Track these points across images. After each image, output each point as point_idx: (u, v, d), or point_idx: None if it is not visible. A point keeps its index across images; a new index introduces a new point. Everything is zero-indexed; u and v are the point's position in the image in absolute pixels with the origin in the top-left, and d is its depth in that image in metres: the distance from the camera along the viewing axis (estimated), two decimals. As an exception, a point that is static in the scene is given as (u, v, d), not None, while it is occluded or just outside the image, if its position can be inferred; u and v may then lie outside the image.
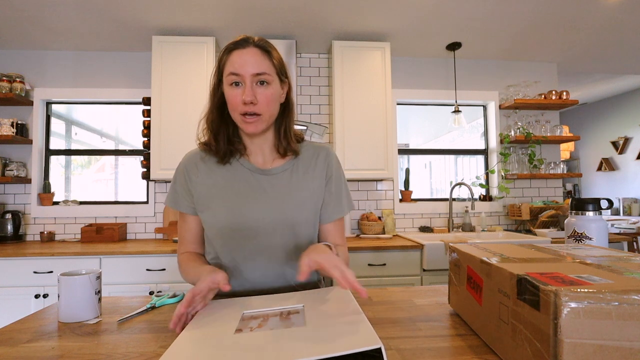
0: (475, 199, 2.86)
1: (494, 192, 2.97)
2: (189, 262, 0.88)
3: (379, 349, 0.47)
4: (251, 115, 0.80)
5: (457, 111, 2.69)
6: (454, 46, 2.69)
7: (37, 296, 2.02)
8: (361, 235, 2.58)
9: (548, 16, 2.30)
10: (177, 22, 2.31)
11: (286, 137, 0.90)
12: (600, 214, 0.95)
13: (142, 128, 2.48)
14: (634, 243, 3.42)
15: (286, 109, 0.90)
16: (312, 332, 0.54)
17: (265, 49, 0.82)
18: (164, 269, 2.09)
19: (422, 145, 3.14)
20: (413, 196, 2.93)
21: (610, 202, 1.00)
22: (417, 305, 0.81)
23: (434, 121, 3.12)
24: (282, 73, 0.85)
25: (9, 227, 2.46)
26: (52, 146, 2.72)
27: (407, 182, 2.85)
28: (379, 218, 2.72)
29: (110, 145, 2.86)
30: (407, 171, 2.86)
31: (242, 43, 0.81)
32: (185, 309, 0.65)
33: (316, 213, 0.93)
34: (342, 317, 0.59)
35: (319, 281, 0.98)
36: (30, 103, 2.60)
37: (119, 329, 0.69)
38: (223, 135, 0.88)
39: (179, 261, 0.93)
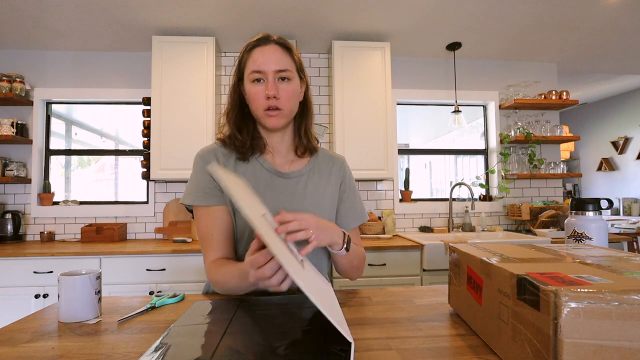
0: (475, 199, 2.86)
1: (494, 192, 2.97)
2: (228, 266, 0.79)
3: (349, 345, 0.51)
4: (273, 110, 0.82)
5: (457, 111, 2.69)
6: (454, 46, 2.69)
7: (37, 296, 2.02)
8: (361, 235, 2.58)
9: (548, 16, 2.30)
10: (177, 22, 2.31)
11: (306, 135, 0.92)
12: (600, 214, 0.95)
13: (142, 128, 2.48)
14: (634, 243, 3.42)
15: (305, 107, 0.91)
16: (317, 288, 0.59)
17: (286, 46, 0.83)
18: (164, 269, 2.09)
19: (422, 145, 3.14)
20: (413, 196, 2.93)
21: (610, 202, 1.00)
22: (417, 305, 0.81)
23: (434, 121, 3.12)
24: (301, 70, 0.86)
25: (9, 227, 2.46)
26: (52, 146, 2.72)
27: (407, 182, 2.85)
28: (379, 218, 2.72)
29: (110, 145, 2.86)
30: (407, 171, 2.86)
31: (263, 41, 0.82)
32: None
33: (331, 218, 0.94)
34: (332, 305, 0.63)
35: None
36: (30, 103, 2.60)
37: (119, 329, 0.69)
38: (246, 131, 0.88)
39: (210, 270, 0.82)
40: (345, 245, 0.79)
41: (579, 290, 0.41)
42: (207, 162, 0.86)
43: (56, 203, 2.65)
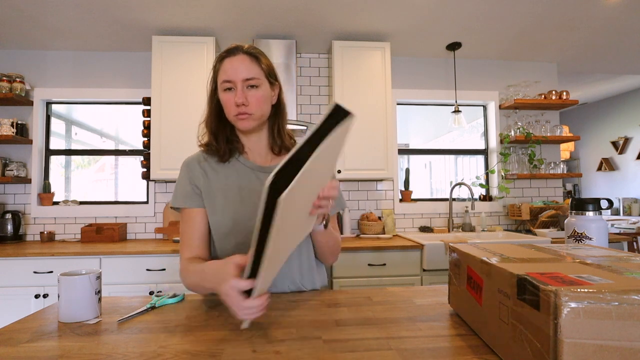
0: (475, 199, 2.86)
1: (494, 192, 2.97)
2: (194, 265, 0.84)
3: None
4: (243, 114, 0.87)
5: (457, 111, 2.69)
6: (454, 46, 2.69)
7: (37, 296, 2.02)
8: (361, 235, 2.58)
9: (548, 16, 2.30)
10: (177, 22, 2.31)
11: (280, 135, 0.96)
12: (600, 214, 0.95)
13: (142, 128, 2.48)
14: (634, 243, 3.42)
15: (278, 109, 0.95)
16: None
17: (254, 55, 0.88)
18: (164, 269, 2.09)
19: (422, 145, 3.14)
20: (413, 196, 2.93)
21: (610, 202, 1.00)
22: (417, 305, 0.81)
23: (434, 121, 3.11)
24: (271, 76, 0.91)
25: (9, 227, 2.46)
26: (52, 146, 2.72)
27: (407, 182, 2.85)
28: (379, 218, 2.72)
29: (110, 145, 2.86)
30: (407, 171, 2.86)
31: (233, 51, 0.87)
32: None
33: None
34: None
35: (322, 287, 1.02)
36: (30, 103, 2.60)
37: (119, 329, 0.69)
38: (222, 136, 0.93)
39: (182, 267, 0.88)
40: (324, 222, 0.84)
41: (579, 290, 0.41)
42: (190, 169, 0.93)
43: (56, 203, 2.65)
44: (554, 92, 2.81)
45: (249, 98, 0.85)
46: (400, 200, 2.85)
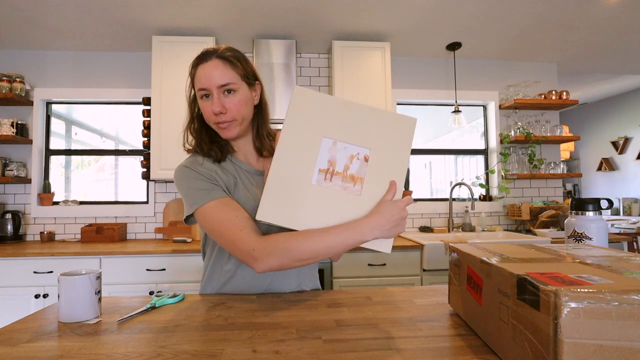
0: (475, 199, 2.85)
1: (494, 192, 2.97)
2: (306, 232, 0.72)
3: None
4: (224, 122, 0.85)
5: (457, 111, 2.69)
6: (454, 46, 2.69)
7: (37, 296, 2.02)
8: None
9: (548, 16, 2.30)
10: (177, 22, 2.31)
11: (259, 136, 0.94)
12: (600, 214, 0.95)
13: (142, 128, 2.48)
14: (634, 243, 3.42)
15: (259, 110, 0.93)
16: None
17: (227, 59, 0.84)
18: (164, 269, 2.09)
19: (422, 145, 3.13)
20: (413, 196, 2.93)
21: (610, 202, 1.00)
22: (417, 305, 0.81)
23: (434, 121, 3.12)
24: (249, 77, 0.87)
25: (9, 227, 2.46)
26: (52, 146, 2.72)
27: (407, 182, 2.85)
28: (379, 218, 2.71)
29: (110, 145, 2.86)
30: (407, 171, 2.86)
31: (205, 57, 0.84)
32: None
33: None
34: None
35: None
36: (30, 103, 2.60)
37: (119, 329, 0.69)
38: (206, 140, 0.91)
39: (262, 247, 0.74)
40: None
41: (579, 290, 0.41)
42: (196, 168, 0.85)
43: (56, 203, 2.65)
44: (554, 92, 2.82)
45: (226, 105, 0.83)
46: (400, 200, 2.85)
